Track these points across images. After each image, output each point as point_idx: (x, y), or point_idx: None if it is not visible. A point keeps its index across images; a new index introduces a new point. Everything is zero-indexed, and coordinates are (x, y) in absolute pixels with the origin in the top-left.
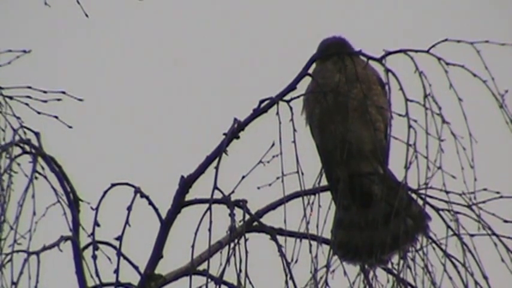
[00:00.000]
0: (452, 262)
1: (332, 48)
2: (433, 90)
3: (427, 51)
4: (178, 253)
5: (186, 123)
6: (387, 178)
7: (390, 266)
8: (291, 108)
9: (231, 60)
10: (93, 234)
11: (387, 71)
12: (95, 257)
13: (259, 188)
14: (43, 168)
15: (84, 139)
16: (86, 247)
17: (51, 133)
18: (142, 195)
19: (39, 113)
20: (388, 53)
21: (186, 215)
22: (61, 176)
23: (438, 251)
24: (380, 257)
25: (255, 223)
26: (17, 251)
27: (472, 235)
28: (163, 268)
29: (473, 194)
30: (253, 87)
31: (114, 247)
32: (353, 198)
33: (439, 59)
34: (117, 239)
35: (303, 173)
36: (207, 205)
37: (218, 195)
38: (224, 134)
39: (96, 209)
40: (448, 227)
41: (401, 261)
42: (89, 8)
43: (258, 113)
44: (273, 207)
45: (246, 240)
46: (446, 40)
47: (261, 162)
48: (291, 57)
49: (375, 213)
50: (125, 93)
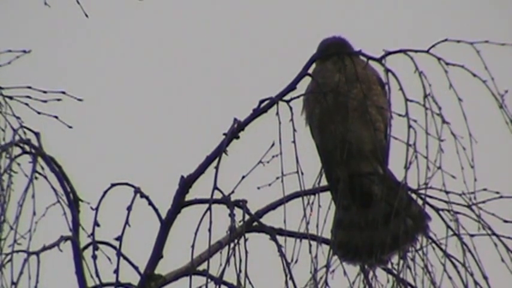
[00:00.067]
0: (452, 262)
1: (332, 48)
2: (433, 90)
3: (427, 51)
4: (178, 253)
5: (186, 123)
6: (387, 178)
7: (390, 266)
8: (291, 108)
9: (231, 60)
10: (93, 234)
11: (387, 71)
12: (95, 257)
13: (259, 188)
14: (43, 168)
15: (84, 139)
16: (86, 247)
17: (51, 133)
18: (142, 195)
19: (39, 113)
20: (388, 53)
21: (186, 215)
22: (61, 176)
23: (438, 251)
24: (380, 257)
25: (255, 223)
26: (17, 251)
27: (472, 235)
28: (163, 268)
29: (473, 194)
30: (253, 87)
31: (114, 247)
32: (353, 198)
33: (439, 59)
34: (117, 239)
35: (302, 173)
36: (207, 205)
37: (218, 195)
38: (224, 134)
39: (96, 209)
40: (448, 227)
41: (401, 261)
42: (89, 8)
43: (258, 113)
44: (273, 207)
45: (246, 240)
46: (446, 40)
47: (260, 162)
48: (291, 57)
49: (374, 213)
50: (125, 93)
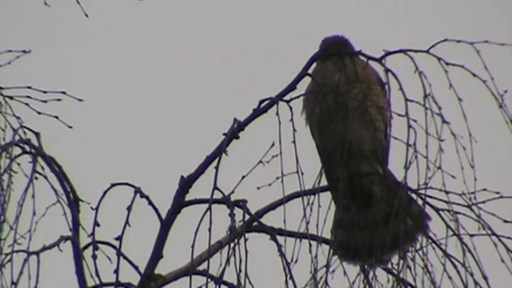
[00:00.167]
0: (452, 262)
1: (332, 47)
2: (433, 90)
3: (427, 51)
4: (178, 253)
5: (186, 123)
6: (387, 178)
7: (390, 266)
8: (291, 108)
9: (231, 60)
10: (93, 234)
11: (387, 71)
12: (95, 257)
13: (259, 188)
14: (43, 168)
15: (84, 139)
16: (86, 247)
17: (51, 133)
18: (142, 195)
19: (39, 113)
20: (388, 53)
21: (186, 215)
22: (61, 176)
23: (438, 251)
24: (380, 257)
25: (255, 223)
26: (17, 251)
27: (472, 235)
28: (163, 268)
29: (473, 194)
30: (253, 87)
31: (114, 247)
32: (353, 198)
33: (439, 59)
34: (117, 239)
35: (302, 173)
36: (207, 205)
37: (218, 195)
38: (224, 134)
39: (96, 209)
40: (448, 227)
41: (401, 261)
42: (89, 8)
43: (258, 113)
44: (272, 207)
45: (246, 240)
46: (446, 40)
47: (260, 162)
48: (291, 57)
49: (374, 213)
50: (125, 93)
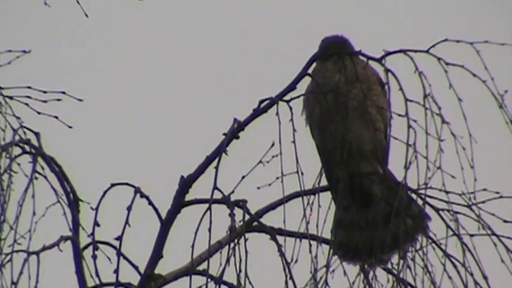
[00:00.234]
0: (452, 262)
1: (332, 47)
2: (432, 90)
3: (427, 51)
4: (178, 253)
5: (186, 123)
6: (387, 178)
7: (390, 266)
8: (291, 108)
9: (231, 60)
10: (93, 234)
11: (387, 71)
12: (95, 257)
13: (259, 188)
14: (43, 168)
15: (84, 139)
16: (86, 247)
17: (51, 133)
18: (142, 195)
19: (39, 113)
20: (388, 53)
21: (186, 215)
22: (61, 176)
23: (438, 251)
24: (380, 257)
25: (255, 223)
26: (17, 251)
27: (471, 235)
28: (163, 268)
29: (473, 194)
30: (253, 87)
31: (114, 247)
32: (353, 198)
33: (439, 59)
34: (117, 239)
35: (302, 173)
36: (207, 205)
37: (218, 195)
38: (224, 134)
39: (96, 209)
40: (448, 227)
41: (401, 261)
42: (88, 8)
43: (257, 113)
44: (272, 207)
45: (246, 240)
46: (446, 40)
47: (260, 162)
48: (291, 57)
49: (374, 213)
50: (125, 93)
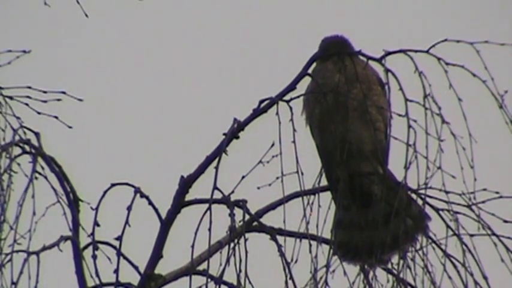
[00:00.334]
0: (452, 262)
1: (332, 47)
2: (432, 90)
3: (427, 51)
4: (178, 253)
5: (186, 123)
6: (387, 178)
7: (390, 266)
8: (291, 108)
9: (231, 60)
10: (93, 234)
11: (387, 71)
12: (94, 257)
13: (259, 188)
14: (43, 168)
15: (84, 139)
16: (86, 247)
17: (51, 133)
18: (142, 195)
19: (39, 113)
20: (388, 53)
21: (186, 215)
22: (61, 176)
23: (438, 251)
24: (380, 257)
25: (255, 223)
26: (17, 251)
27: (471, 235)
28: (163, 268)
29: (473, 194)
30: (253, 87)
31: (114, 247)
32: (353, 198)
33: (439, 59)
34: (117, 239)
35: (302, 173)
36: (207, 205)
37: (218, 195)
38: (224, 134)
39: (96, 209)
40: (448, 227)
41: (401, 261)
42: (89, 8)
43: (257, 113)
44: (272, 207)
45: (246, 240)
46: (446, 40)
47: (260, 162)
48: (291, 57)
49: (374, 213)
50: (125, 93)
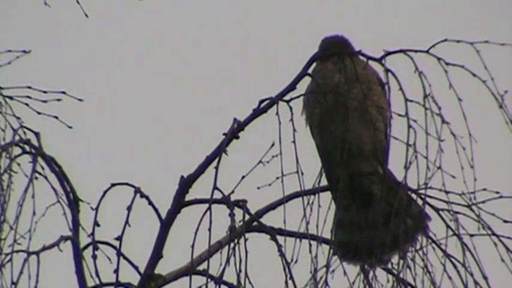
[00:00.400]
0: (452, 262)
1: (332, 47)
2: (432, 90)
3: (427, 51)
4: (178, 253)
5: (186, 123)
6: (387, 178)
7: (390, 266)
8: (291, 108)
9: (231, 60)
10: (93, 234)
11: (387, 71)
12: (94, 257)
13: (259, 188)
14: (43, 168)
15: (84, 139)
16: (86, 247)
17: (51, 133)
18: (142, 195)
19: (39, 113)
20: (388, 53)
21: (186, 215)
22: (61, 176)
23: (438, 251)
24: (380, 257)
25: (255, 223)
26: (17, 251)
27: (471, 235)
28: (163, 268)
29: (473, 194)
30: (253, 87)
31: (114, 247)
32: (353, 198)
33: (439, 59)
34: (117, 239)
35: (302, 173)
36: (207, 205)
37: (218, 195)
38: (224, 134)
39: (96, 209)
40: (448, 227)
41: (401, 261)
42: (89, 8)
43: (257, 113)
44: (272, 207)
45: (246, 240)
46: (446, 40)
47: (260, 162)
48: (291, 57)
49: (374, 213)
50: (125, 93)
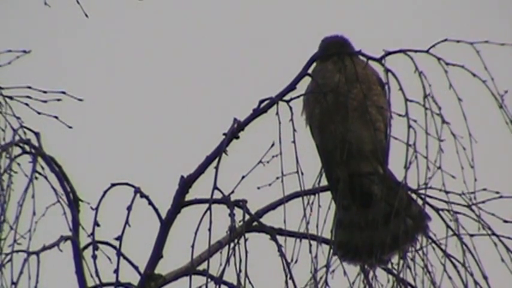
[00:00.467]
0: (452, 262)
1: (332, 47)
2: (432, 90)
3: (427, 51)
4: (178, 253)
5: (186, 123)
6: (387, 178)
7: (390, 266)
8: (291, 108)
9: (231, 60)
10: (93, 234)
11: (387, 71)
12: (94, 257)
13: (259, 188)
14: (43, 168)
15: (84, 139)
16: (86, 247)
17: (51, 133)
18: (142, 195)
19: (39, 113)
20: (388, 53)
21: (186, 215)
22: (61, 176)
23: (438, 251)
24: (380, 257)
25: (255, 223)
26: (17, 251)
27: (471, 235)
28: (163, 268)
29: (473, 194)
30: (253, 87)
31: (114, 247)
32: (353, 198)
33: (439, 59)
34: (117, 239)
35: (302, 173)
36: (207, 205)
37: (218, 195)
38: (224, 134)
39: (96, 209)
40: (448, 227)
41: (401, 261)
42: (89, 8)
43: (257, 113)
44: (273, 207)
45: (246, 240)
46: (446, 40)
47: (260, 162)
48: (291, 57)
49: (374, 213)
50: (125, 93)
